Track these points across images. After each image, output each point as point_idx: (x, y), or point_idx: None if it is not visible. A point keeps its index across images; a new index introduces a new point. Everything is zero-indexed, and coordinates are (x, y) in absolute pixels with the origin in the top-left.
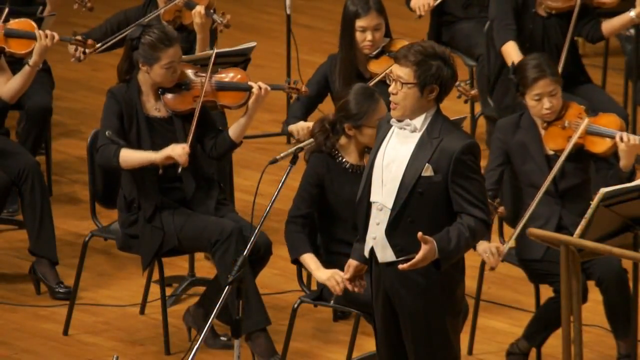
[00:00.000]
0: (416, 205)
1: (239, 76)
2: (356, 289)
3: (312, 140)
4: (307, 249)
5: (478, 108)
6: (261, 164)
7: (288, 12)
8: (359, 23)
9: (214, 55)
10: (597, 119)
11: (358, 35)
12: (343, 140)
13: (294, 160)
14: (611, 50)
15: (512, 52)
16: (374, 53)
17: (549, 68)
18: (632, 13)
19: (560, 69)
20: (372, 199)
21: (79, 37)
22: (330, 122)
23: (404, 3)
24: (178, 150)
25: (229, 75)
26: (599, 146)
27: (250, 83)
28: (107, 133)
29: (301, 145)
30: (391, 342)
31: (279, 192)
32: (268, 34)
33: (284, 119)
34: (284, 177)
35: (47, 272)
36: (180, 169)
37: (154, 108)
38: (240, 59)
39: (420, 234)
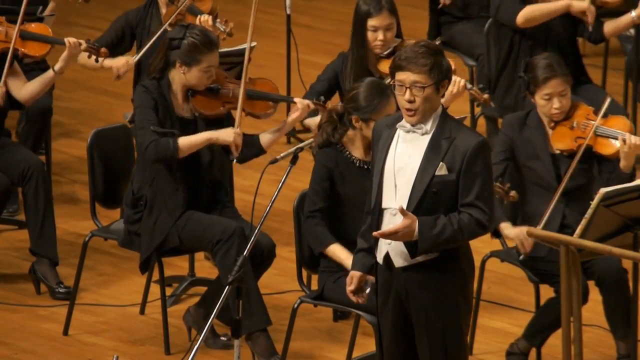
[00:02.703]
0: (430, 206)
1: (269, 86)
2: (360, 301)
3: (312, 140)
4: (332, 240)
5: (478, 108)
6: (261, 164)
7: (288, 12)
8: (371, 22)
9: (248, 51)
10: (606, 120)
11: (369, 35)
12: (350, 133)
13: (294, 160)
14: (611, 50)
15: (540, 7)
16: (385, 53)
17: (560, 68)
18: (633, 13)
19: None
20: (384, 205)
21: (92, 45)
22: (338, 113)
23: (406, 3)
24: (238, 140)
25: (259, 84)
26: (608, 148)
27: (295, 99)
28: (152, 128)
29: (301, 145)
30: (401, 347)
31: (279, 192)
32: (268, 34)
33: (284, 119)
34: (284, 177)
35: (47, 272)
36: (235, 157)
37: (181, 108)
38: (241, 59)
39: (400, 206)
